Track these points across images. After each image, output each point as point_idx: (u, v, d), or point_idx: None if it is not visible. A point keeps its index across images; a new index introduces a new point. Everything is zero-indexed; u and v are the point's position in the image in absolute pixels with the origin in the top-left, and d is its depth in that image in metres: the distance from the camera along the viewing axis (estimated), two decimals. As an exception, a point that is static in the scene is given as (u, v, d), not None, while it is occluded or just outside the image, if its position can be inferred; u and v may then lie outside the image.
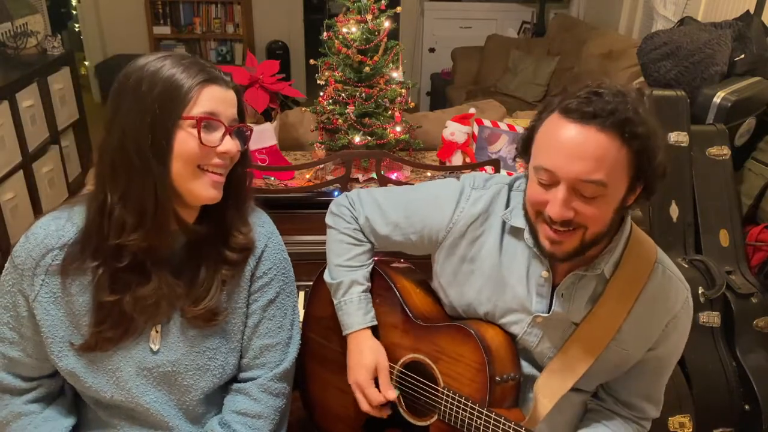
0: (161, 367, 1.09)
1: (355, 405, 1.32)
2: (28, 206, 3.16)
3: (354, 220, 1.31)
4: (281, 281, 1.18)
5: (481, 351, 1.11)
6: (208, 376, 1.13)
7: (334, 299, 1.30)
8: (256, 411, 1.16)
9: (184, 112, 0.98)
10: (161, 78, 0.98)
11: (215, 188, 1.04)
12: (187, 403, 1.14)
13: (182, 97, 0.98)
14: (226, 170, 1.06)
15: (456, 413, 1.14)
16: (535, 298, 1.13)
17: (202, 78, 1.00)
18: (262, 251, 1.15)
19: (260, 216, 1.20)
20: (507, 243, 1.16)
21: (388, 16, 1.98)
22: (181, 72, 0.99)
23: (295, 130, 2.29)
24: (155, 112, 0.96)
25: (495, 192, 1.19)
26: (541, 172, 0.99)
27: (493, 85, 4.59)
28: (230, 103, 1.05)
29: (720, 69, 2.22)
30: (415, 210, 1.24)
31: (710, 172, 2.08)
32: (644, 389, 1.18)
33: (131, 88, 0.98)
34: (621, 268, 1.10)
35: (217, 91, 1.02)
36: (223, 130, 1.02)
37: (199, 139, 0.99)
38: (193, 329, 1.10)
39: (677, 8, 3.24)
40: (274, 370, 1.18)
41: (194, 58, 1.04)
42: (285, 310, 1.20)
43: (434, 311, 1.28)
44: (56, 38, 3.64)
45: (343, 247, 1.31)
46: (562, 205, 0.97)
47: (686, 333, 1.16)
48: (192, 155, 1.00)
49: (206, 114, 0.99)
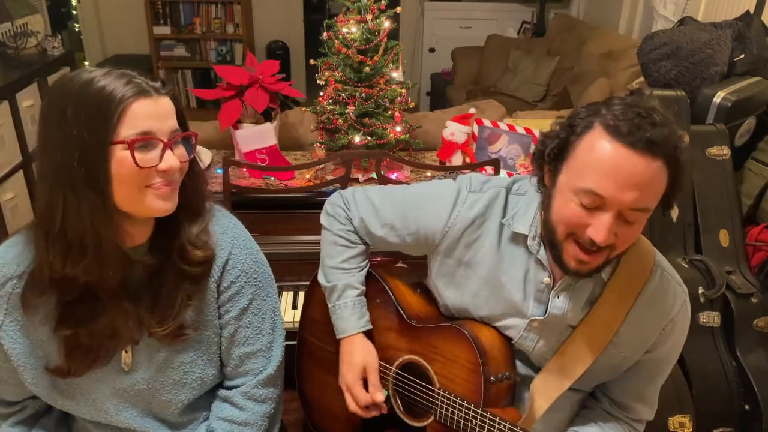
0: (136, 385, 1.07)
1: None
2: (28, 206, 3.16)
3: (348, 221, 1.30)
4: (253, 287, 1.12)
5: (475, 352, 1.11)
6: (187, 390, 1.10)
7: (328, 303, 1.29)
8: (242, 419, 1.14)
9: (114, 137, 0.90)
10: (84, 102, 0.89)
11: (167, 199, 0.97)
12: (169, 416, 1.12)
13: (108, 120, 0.89)
14: (176, 182, 0.99)
15: (452, 414, 1.14)
16: (533, 302, 1.13)
17: (128, 93, 0.90)
18: (226, 260, 1.08)
19: (222, 221, 1.12)
20: (505, 247, 1.15)
21: (388, 16, 1.98)
22: (104, 91, 0.90)
23: (295, 130, 2.29)
24: (83, 141, 0.89)
25: (492, 196, 1.16)
26: (588, 195, 0.95)
27: (493, 85, 4.59)
28: (165, 115, 0.95)
29: (720, 69, 2.22)
30: (411, 212, 1.22)
31: (710, 172, 2.08)
32: (639, 391, 1.18)
33: (55, 119, 0.90)
34: (619, 271, 1.09)
35: (146, 105, 0.92)
36: (161, 146, 0.94)
37: (135, 162, 0.91)
38: (164, 346, 1.06)
39: (677, 8, 3.24)
40: (257, 376, 1.15)
41: (119, 71, 0.94)
42: (262, 315, 1.14)
43: (429, 312, 1.28)
44: (56, 38, 3.63)
45: (336, 249, 1.30)
46: (608, 230, 0.95)
47: (683, 336, 1.16)
48: (131, 178, 0.92)
49: (138, 135, 0.91)
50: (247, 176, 1.99)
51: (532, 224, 1.11)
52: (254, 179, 1.97)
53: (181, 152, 0.98)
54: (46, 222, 0.94)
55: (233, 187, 1.76)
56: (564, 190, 0.99)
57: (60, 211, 0.92)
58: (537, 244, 1.10)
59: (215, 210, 1.12)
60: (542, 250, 1.10)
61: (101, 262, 0.95)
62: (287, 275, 1.70)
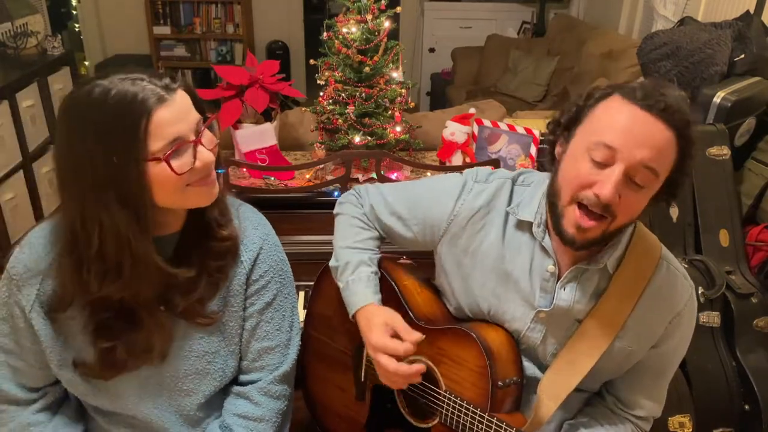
0: (161, 373, 1.08)
1: (357, 404, 1.32)
2: (28, 206, 3.16)
3: (360, 206, 1.33)
4: (278, 283, 1.16)
5: (483, 355, 1.11)
6: (208, 380, 1.12)
7: (339, 282, 1.26)
8: (257, 414, 1.15)
9: (145, 154, 0.89)
10: (105, 122, 0.87)
11: (211, 188, 0.99)
12: (188, 408, 1.13)
13: (135, 137, 0.87)
14: (213, 170, 1.00)
15: (457, 417, 1.13)
16: (539, 293, 1.13)
17: (148, 105, 0.88)
18: (258, 254, 1.12)
19: (254, 218, 1.16)
20: (510, 237, 1.15)
21: (388, 16, 1.97)
22: (122, 107, 0.87)
23: (295, 130, 2.29)
24: (112, 162, 0.87)
25: (498, 186, 1.18)
26: (601, 148, 0.97)
27: (493, 85, 4.59)
28: (186, 111, 0.94)
29: (720, 69, 2.22)
30: (418, 201, 1.24)
31: (710, 172, 2.07)
32: (646, 387, 1.18)
33: (78, 141, 0.88)
34: (625, 264, 1.10)
35: (167, 111, 0.90)
36: (192, 145, 0.94)
37: (174, 171, 0.91)
38: (190, 333, 1.08)
39: (677, 8, 3.24)
40: (273, 372, 1.17)
41: (126, 78, 0.89)
42: (283, 312, 1.18)
43: (437, 313, 1.27)
44: (56, 38, 3.63)
45: (352, 231, 1.30)
46: (615, 185, 0.96)
47: (690, 331, 1.16)
48: (172, 185, 0.93)
49: (169, 145, 0.90)
50: (247, 176, 1.99)
51: (537, 212, 1.12)
52: (254, 179, 1.97)
53: (209, 138, 0.98)
54: (79, 246, 0.93)
55: (233, 187, 1.76)
56: (577, 150, 1.01)
57: (96, 234, 0.91)
58: (542, 231, 1.11)
59: (246, 207, 1.16)
60: (547, 238, 1.11)
61: (138, 279, 0.95)
62: (287, 275, 1.70)
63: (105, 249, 0.92)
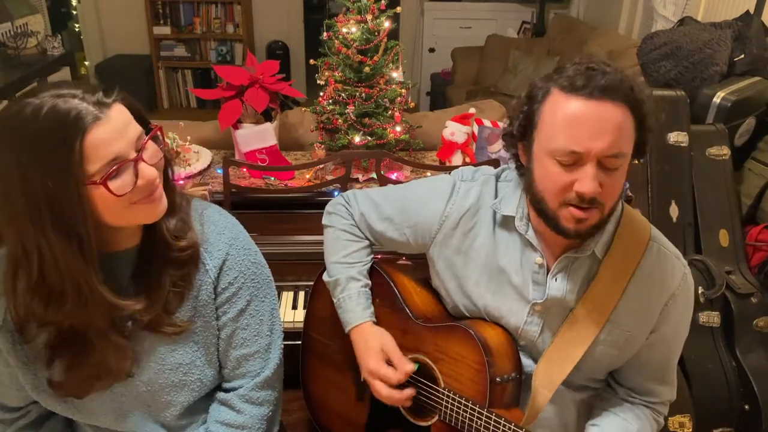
0: (136, 388, 1.06)
1: (356, 404, 1.32)
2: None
3: (350, 216, 1.32)
4: (252, 288, 1.11)
5: (481, 352, 1.11)
6: (186, 391, 1.09)
7: (333, 298, 1.29)
8: (239, 422, 1.13)
9: (82, 178, 0.83)
10: (37, 144, 0.81)
11: (157, 204, 0.94)
12: (168, 419, 1.11)
13: (68, 160, 0.81)
14: (158, 185, 0.94)
15: (456, 414, 1.14)
16: (531, 285, 1.13)
17: (81, 125, 0.82)
18: (224, 260, 1.06)
19: (221, 222, 1.09)
20: (499, 234, 1.17)
21: (388, 16, 1.98)
22: (55, 128, 0.81)
23: (295, 130, 2.29)
24: (47, 187, 0.82)
25: (483, 183, 1.20)
26: (567, 154, 0.98)
27: (493, 85, 4.59)
28: (124, 127, 0.87)
29: (720, 69, 2.22)
30: (409, 204, 1.25)
31: (710, 172, 2.08)
32: (656, 373, 1.18)
33: (11, 165, 0.82)
34: (613, 248, 1.10)
35: (103, 129, 0.84)
36: (133, 163, 0.88)
37: (113, 193, 0.86)
38: (161, 346, 1.04)
39: (677, 8, 3.24)
40: (255, 379, 1.14)
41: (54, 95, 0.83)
42: (260, 317, 1.13)
43: (435, 311, 1.28)
44: (56, 38, 3.64)
45: (340, 244, 1.31)
46: (593, 180, 0.97)
47: (688, 310, 1.16)
48: (113, 206, 0.88)
49: (107, 165, 0.84)
50: (247, 176, 1.99)
51: (518, 205, 1.13)
52: (254, 179, 1.97)
53: (152, 152, 0.91)
54: (23, 271, 0.89)
55: (233, 187, 1.76)
56: (541, 157, 1.02)
57: (36, 261, 0.86)
58: (525, 224, 1.12)
59: (212, 210, 1.11)
60: (530, 231, 1.12)
61: (84, 307, 0.91)
62: (287, 275, 1.70)
63: (45, 277, 0.88)
